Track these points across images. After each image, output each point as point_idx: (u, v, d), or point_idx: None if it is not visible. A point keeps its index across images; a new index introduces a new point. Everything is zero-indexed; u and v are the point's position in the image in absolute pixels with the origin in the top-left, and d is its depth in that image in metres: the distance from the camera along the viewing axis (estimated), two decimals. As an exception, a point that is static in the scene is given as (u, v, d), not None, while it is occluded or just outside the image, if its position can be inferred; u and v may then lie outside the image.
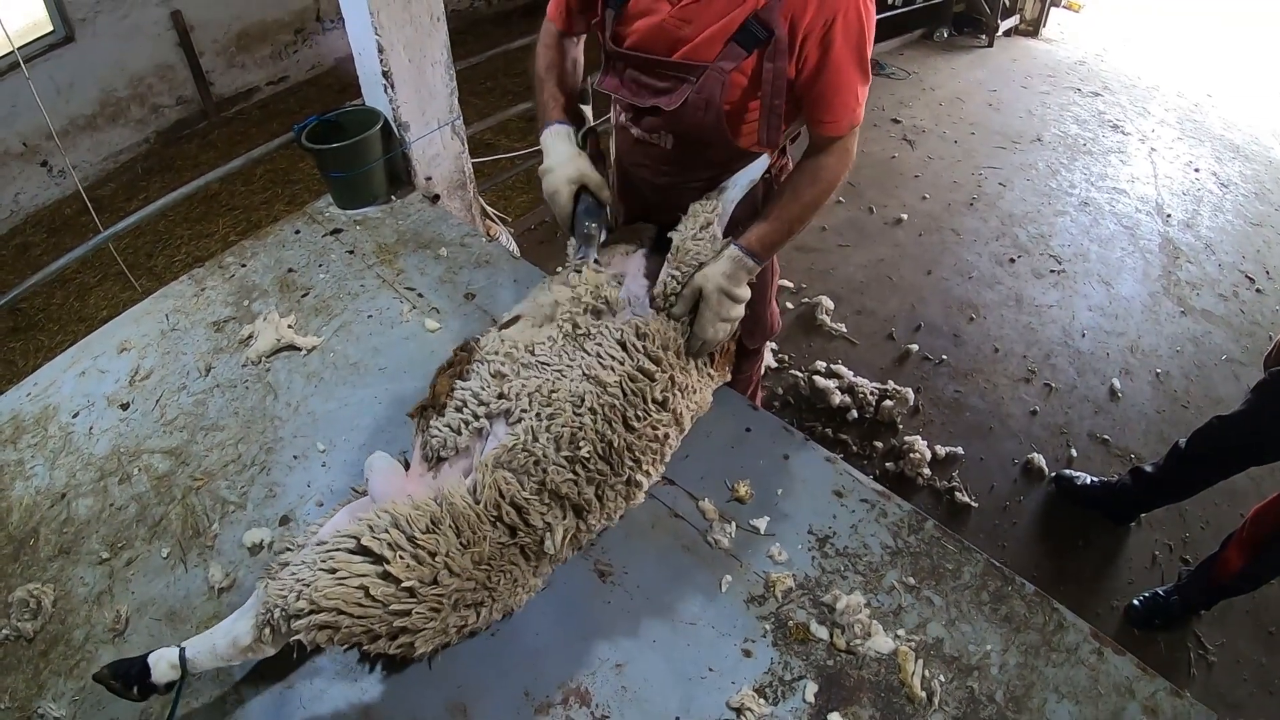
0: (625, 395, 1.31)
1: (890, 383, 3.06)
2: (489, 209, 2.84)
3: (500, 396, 1.30)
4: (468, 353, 1.39)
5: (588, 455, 1.24)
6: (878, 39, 6.23)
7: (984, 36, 6.09)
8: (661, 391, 1.36)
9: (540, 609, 1.32)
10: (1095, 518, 2.69)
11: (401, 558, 1.12)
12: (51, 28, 4.42)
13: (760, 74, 1.34)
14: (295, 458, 1.60)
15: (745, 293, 1.43)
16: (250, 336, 1.86)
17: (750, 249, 1.41)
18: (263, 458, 1.61)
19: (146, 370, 1.82)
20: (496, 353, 1.35)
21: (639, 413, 1.31)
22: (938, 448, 2.85)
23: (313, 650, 1.16)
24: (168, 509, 1.53)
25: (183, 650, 1.13)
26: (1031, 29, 6.34)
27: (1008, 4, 6.10)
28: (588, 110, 1.68)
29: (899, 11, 5.66)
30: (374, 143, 2.17)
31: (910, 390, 3.01)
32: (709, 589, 1.35)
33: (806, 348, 3.32)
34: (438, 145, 2.38)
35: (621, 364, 1.34)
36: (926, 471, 2.79)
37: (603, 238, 1.54)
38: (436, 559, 1.14)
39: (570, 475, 1.23)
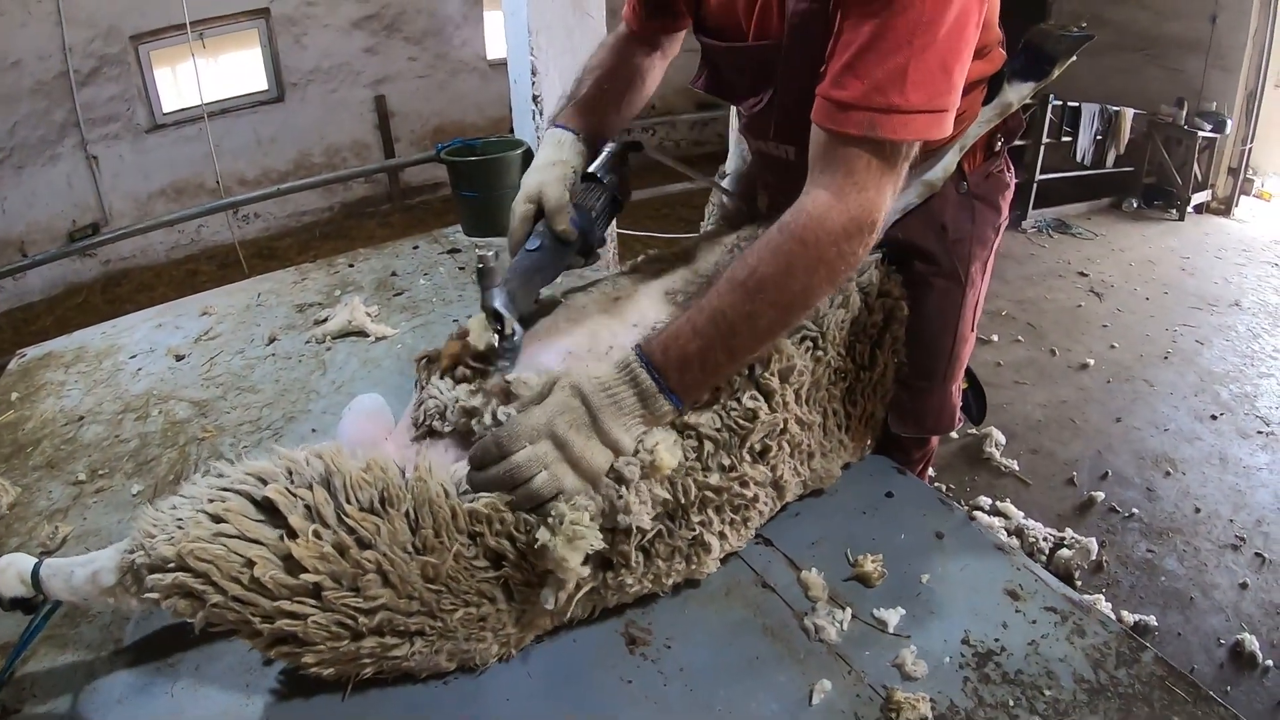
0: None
1: (1069, 531, 2.61)
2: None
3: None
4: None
5: None
6: (1065, 200, 5.72)
7: (1174, 210, 5.90)
8: (763, 439, 0.96)
9: (524, 665, 0.88)
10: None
11: (317, 536, 0.76)
12: (266, 86, 5.08)
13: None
14: (313, 431, 1.34)
15: (624, 439, 0.84)
16: (326, 319, 1.71)
17: (647, 353, 0.85)
18: (280, 425, 1.37)
19: (216, 333, 1.71)
20: None
21: (724, 460, 0.93)
22: (1124, 613, 2.33)
23: (203, 631, 0.79)
24: (163, 452, 1.31)
25: (38, 565, 0.82)
26: (1223, 208, 6.07)
27: (1199, 179, 5.89)
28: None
29: (1086, 173, 5.62)
30: (511, 167, 2.10)
31: (1094, 541, 2.54)
32: (792, 696, 0.84)
33: (969, 481, 2.87)
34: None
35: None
36: (1110, 639, 2.12)
37: (515, 328, 0.97)
38: (368, 554, 0.76)
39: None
